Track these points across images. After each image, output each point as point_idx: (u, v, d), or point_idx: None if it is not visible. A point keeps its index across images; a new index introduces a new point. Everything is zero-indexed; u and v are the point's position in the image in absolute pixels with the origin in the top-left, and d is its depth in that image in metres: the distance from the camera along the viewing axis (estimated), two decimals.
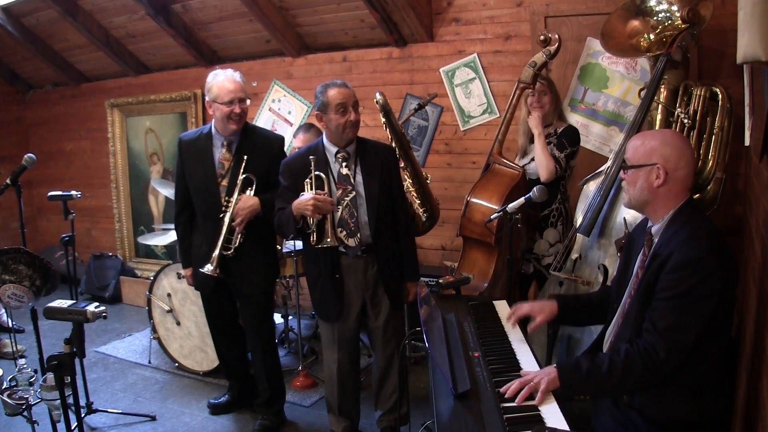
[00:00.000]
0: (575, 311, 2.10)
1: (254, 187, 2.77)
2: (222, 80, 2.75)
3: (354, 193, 2.58)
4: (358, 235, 2.59)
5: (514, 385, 1.65)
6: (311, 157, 2.54)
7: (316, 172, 2.54)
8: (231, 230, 2.76)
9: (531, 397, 1.62)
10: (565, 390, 1.67)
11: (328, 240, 2.51)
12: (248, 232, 2.79)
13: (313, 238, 2.56)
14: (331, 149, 2.60)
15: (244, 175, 2.75)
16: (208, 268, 2.74)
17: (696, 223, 1.72)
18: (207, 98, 2.79)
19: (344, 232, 2.59)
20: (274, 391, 3.03)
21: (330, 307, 2.65)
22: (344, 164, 2.58)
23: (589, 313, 2.10)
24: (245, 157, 2.75)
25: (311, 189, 2.52)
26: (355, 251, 2.61)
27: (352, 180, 2.58)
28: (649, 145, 1.78)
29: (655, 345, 1.62)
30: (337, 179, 2.59)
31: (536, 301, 2.09)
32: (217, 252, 2.74)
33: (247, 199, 2.74)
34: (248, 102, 2.81)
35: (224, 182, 2.80)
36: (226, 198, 2.77)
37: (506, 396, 1.63)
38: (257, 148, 2.81)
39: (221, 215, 2.76)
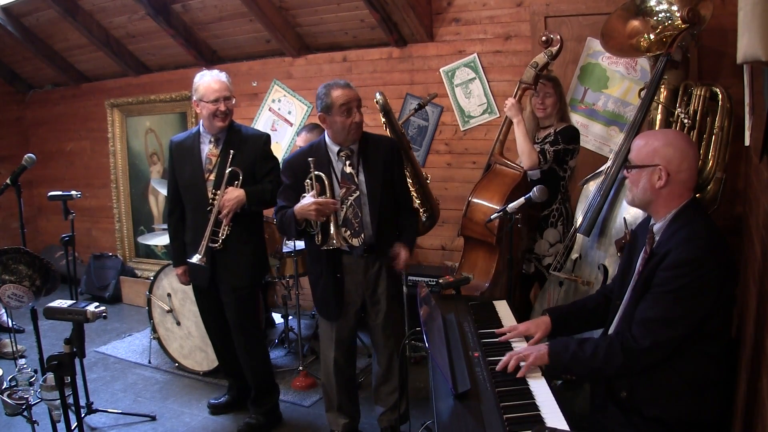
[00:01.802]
0: (569, 322, 2.10)
1: (240, 181, 2.82)
2: (208, 80, 2.82)
3: (358, 192, 2.57)
4: (362, 234, 2.58)
5: (504, 358, 1.76)
6: (310, 159, 2.53)
7: (316, 172, 2.53)
8: (218, 223, 2.81)
9: (526, 396, 1.63)
10: (552, 368, 1.75)
11: (334, 242, 2.51)
12: (235, 224, 2.84)
13: (318, 239, 2.56)
14: (333, 148, 2.59)
15: (230, 169, 2.81)
16: (196, 257, 2.77)
17: (697, 223, 1.73)
18: (194, 98, 2.86)
19: (348, 232, 2.58)
20: (261, 388, 3.02)
21: (330, 305, 2.65)
22: (347, 162, 2.56)
23: (583, 320, 2.11)
24: (232, 151, 2.82)
25: (312, 189, 2.51)
26: (359, 251, 2.60)
27: (355, 179, 2.57)
28: (652, 145, 1.78)
29: (637, 334, 1.66)
30: (340, 178, 2.58)
31: (530, 321, 2.12)
32: (204, 241, 2.79)
33: (233, 191, 2.80)
34: (233, 101, 2.88)
35: (211, 177, 2.85)
36: (213, 191, 2.83)
37: (497, 369, 1.74)
38: (243, 144, 2.87)
39: (208, 208, 2.82)
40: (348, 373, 2.78)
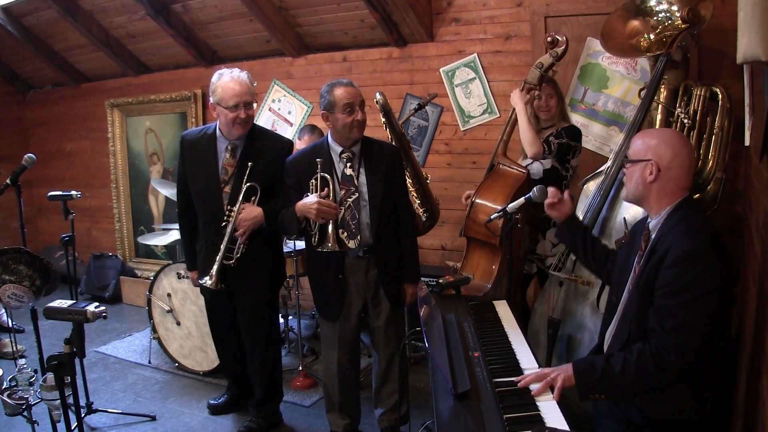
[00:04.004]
0: (577, 234, 2.25)
1: (258, 196, 2.68)
2: (227, 81, 2.61)
3: (357, 194, 2.56)
4: (359, 237, 2.57)
5: (530, 377, 1.69)
6: (318, 160, 2.52)
7: (323, 174, 2.52)
8: (233, 240, 2.67)
9: (526, 396, 1.63)
10: (580, 389, 1.69)
11: (329, 245, 2.50)
12: (251, 239, 2.70)
13: (315, 240, 2.55)
14: (336, 149, 2.58)
15: (248, 184, 2.65)
16: (207, 282, 2.65)
17: (693, 218, 1.74)
18: (211, 100, 2.67)
19: (345, 234, 2.57)
20: (267, 394, 2.98)
21: (332, 306, 2.65)
22: (348, 164, 2.56)
23: (584, 247, 2.23)
24: (250, 164, 2.64)
25: (316, 190, 2.51)
26: (356, 252, 2.60)
27: (355, 181, 2.57)
28: (648, 142, 1.84)
29: (666, 346, 1.63)
30: (340, 179, 2.57)
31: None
32: (216, 266, 2.64)
33: (251, 210, 2.65)
34: (255, 105, 2.70)
35: (227, 189, 2.70)
36: (229, 207, 2.67)
37: (518, 386, 1.67)
38: (263, 153, 2.71)
39: (223, 224, 2.67)
40: (352, 374, 2.77)
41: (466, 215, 3.04)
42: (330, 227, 2.50)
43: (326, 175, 2.53)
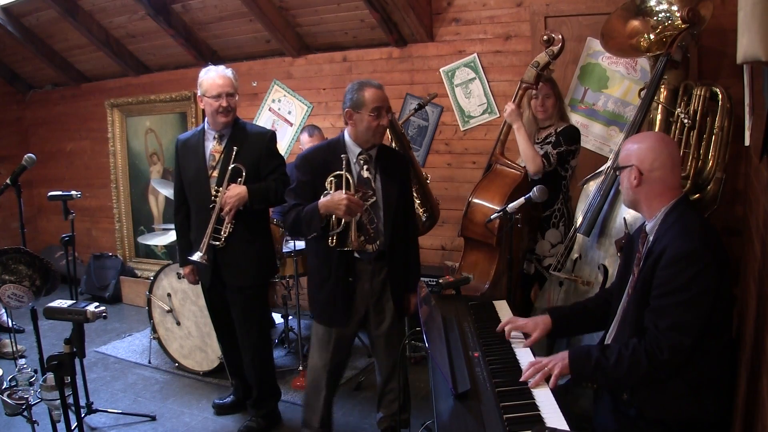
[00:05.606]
0: (570, 323, 2.10)
1: (243, 178, 2.79)
2: (212, 75, 2.81)
3: (374, 198, 2.49)
4: (377, 241, 2.51)
5: (528, 371, 1.72)
6: (343, 156, 2.44)
7: (347, 173, 2.43)
8: (221, 220, 2.79)
9: (526, 396, 1.63)
10: (574, 377, 1.72)
11: (352, 243, 2.42)
12: (239, 223, 2.81)
13: (332, 240, 2.44)
14: (354, 149, 2.50)
15: (233, 165, 2.78)
16: (197, 255, 2.74)
17: (688, 218, 1.75)
18: (198, 93, 2.86)
19: (363, 238, 2.48)
20: (263, 391, 3.00)
21: (337, 311, 2.55)
22: (365, 167, 2.49)
23: (583, 321, 2.11)
24: (235, 148, 2.80)
25: (334, 188, 2.41)
26: (370, 257, 2.52)
27: (372, 184, 2.50)
28: (630, 148, 1.87)
29: (659, 344, 1.64)
30: (357, 182, 2.48)
31: (531, 318, 2.10)
32: (206, 239, 2.76)
33: (235, 188, 2.77)
34: (236, 97, 2.86)
35: (215, 173, 2.84)
36: (216, 188, 2.81)
37: (520, 379, 1.71)
38: (248, 140, 2.85)
39: (211, 206, 2.80)
40: (335, 381, 2.68)
41: (463, 215, 3.04)
42: (353, 226, 2.42)
43: (348, 174, 2.43)
